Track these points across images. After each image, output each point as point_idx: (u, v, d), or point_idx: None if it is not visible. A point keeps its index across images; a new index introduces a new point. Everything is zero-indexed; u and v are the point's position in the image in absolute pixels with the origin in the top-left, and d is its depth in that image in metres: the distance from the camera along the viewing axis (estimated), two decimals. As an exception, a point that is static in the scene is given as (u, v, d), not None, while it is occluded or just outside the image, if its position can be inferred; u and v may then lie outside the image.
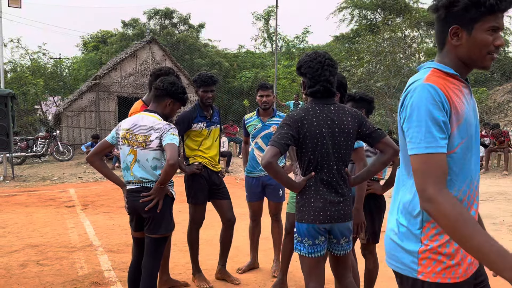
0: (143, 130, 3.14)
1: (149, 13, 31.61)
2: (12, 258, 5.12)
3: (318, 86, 2.61)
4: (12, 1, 13.03)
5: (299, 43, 32.71)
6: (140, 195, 3.13)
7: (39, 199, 9.21)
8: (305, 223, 2.57)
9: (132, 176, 3.17)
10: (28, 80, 23.00)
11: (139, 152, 3.13)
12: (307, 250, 2.59)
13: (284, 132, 2.53)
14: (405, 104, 1.62)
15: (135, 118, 3.25)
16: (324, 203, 2.57)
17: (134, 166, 3.16)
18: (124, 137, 3.20)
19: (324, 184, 2.59)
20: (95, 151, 3.34)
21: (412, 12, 22.25)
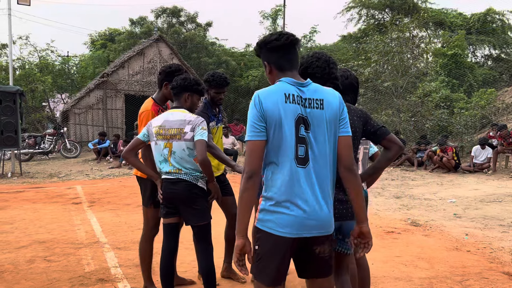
0: (176, 124, 3.43)
1: (156, 12, 31.64)
2: (19, 254, 5.16)
3: (328, 83, 2.63)
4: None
5: (306, 43, 32.63)
6: (176, 185, 3.41)
7: (46, 195, 9.27)
8: None
9: (171, 166, 3.43)
10: (36, 77, 23.14)
11: (174, 144, 3.41)
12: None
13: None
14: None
15: (165, 115, 3.51)
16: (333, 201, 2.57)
17: (171, 158, 3.42)
18: (157, 133, 3.45)
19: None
20: (129, 148, 3.56)
21: (421, 12, 22.10)
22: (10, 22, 13.08)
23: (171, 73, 3.83)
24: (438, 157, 12.91)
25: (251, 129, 2.18)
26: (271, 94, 2.21)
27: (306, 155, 2.20)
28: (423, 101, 16.72)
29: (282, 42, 2.28)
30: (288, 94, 2.20)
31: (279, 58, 2.30)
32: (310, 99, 2.24)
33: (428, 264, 4.82)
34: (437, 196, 9.11)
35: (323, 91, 2.30)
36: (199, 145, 3.34)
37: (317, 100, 2.25)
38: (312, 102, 2.23)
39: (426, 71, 19.00)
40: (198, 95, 3.63)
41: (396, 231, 6.22)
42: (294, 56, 2.31)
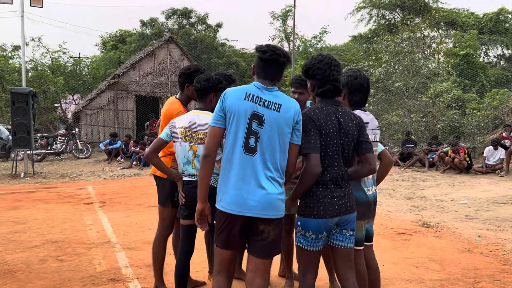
0: (203, 128, 3.39)
1: (167, 13, 31.82)
2: (32, 253, 5.22)
3: (328, 85, 2.77)
4: (34, 1, 13.26)
5: (316, 43, 32.59)
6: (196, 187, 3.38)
7: (58, 195, 9.36)
8: (314, 218, 2.69)
9: (194, 169, 3.42)
10: (48, 79, 23.39)
11: (199, 148, 3.38)
12: (309, 244, 2.73)
13: (313, 136, 2.68)
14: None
15: (191, 116, 3.48)
16: (332, 198, 2.72)
17: (195, 160, 3.42)
18: (184, 134, 3.44)
19: (332, 181, 2.73)
20: (152, 149, 3.52)
21: (432, 12, 21.95)
22: (23, 24, 13.23)
23: (190, 75, 3.86)
24: (450, 158, 12.80)
25: (214, 117, 2.68)
26: (235, 92, 2.68)
27: (255, 145, 2.62)
28: (434, 102, 16.60)
29: (266, 57, 2.68)
30: (248, 94, 2.65)
31: (259, 66, 2.73)
32: (269, 101, 2.65)
33: (440, 266, 4.79)
34: (449, 197, 9.04)
35: (284, 99, 2.70)
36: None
37: (275, 104, 2.65)
38: (270, 104, 2.65)
39: (438, 71, 18.85)
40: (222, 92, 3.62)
41: (407, 233, 6.18)
42: (271, 70, 2.71)
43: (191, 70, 3.88)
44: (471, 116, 16.19)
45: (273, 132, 2.63)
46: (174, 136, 3.48)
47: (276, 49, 2.69)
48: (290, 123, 2.65)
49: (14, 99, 11.80)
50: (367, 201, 3.10)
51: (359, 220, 3.05)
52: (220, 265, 2.77)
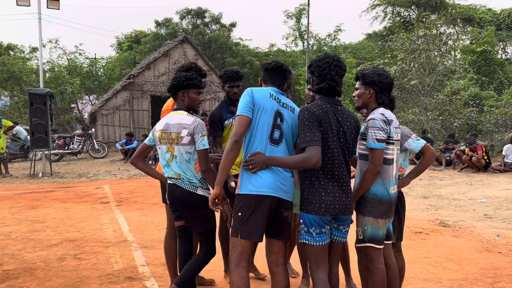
0: (175, 128, 3.34)
1: (181, 13, 31.98)
2: (51, 252, 5.29)
3: (323, 83, 2.88)
4: (50, 3, 13.44)
5: (331, 41, 32.41)
6: (176, 192, 3.35)
7: (75, 195, 9.48)
8: (315, 214, 2.78)
9: (172, 171, 3.37)
10: (65, 80, 23.71)
11: (176, 149, 3.34)
12: (314, 239, 2.80)
13: (315, 129, 2.74)
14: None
15: (166, 118, 3.44)
16: (334, 196, 2.80)
17: (172, 162, 3.36)
18: (160, 137, 3.41)
19: (332, 179, 2.81)
20: (137, 154, 3.55)
21: (448, 8, 21.66)
22: (40, 26, 13.42)
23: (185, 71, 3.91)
24: (467, 157, 12.63)
25: (243, 107, 2.84)
26: (261, 91, 2.93)
27: (280, 138, 2.88)
28: (451, 99, 16.39)
29: (271, 66, 3.05)
30: (271, 94, 2.93)
31: (266, 75, 3.07)
32: (285, 103, 2.97)
33: (458, 265, 4.73)
34: (467, 196, 8.92)
35: (294, 104, 3.06)
36: (201, 155, 3.27)
37: (290, 106, 2.99)
38: (286, 105, 2.97)
39: (454, 68, 18.61)
40: (195, 89, 3.46)
41: (424, 232, 6.12)
42: (277, 76, 3.05)
43: (184, 68, 3.94)
44: (489, 113, 15.95)
45: (290, 129, 2.92)
46: (155, 140, 3.46)
47: (278, 61, 3.09)
48: (296, 126, 2.93)
49: (32, 100, 11.98)
50: (389, 200, 3.08)
51: (381, 218, 3.04)
52: (240, 256, 2.82)
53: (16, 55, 28.46)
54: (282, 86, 3.05)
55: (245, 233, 2.79)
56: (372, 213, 3.02)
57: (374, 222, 3.05)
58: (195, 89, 3.46)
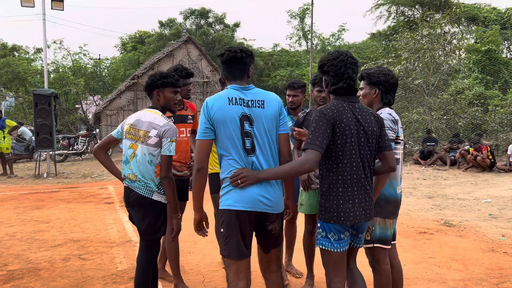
0: (144, 126, 3.22)
1: (185, 13, 32.03)
2: (55, 252, 5.31)
3: (341, 83, 2.68)
4: (55, 4, 13.48)
5: (334, 41, 32.38)
6: (131, 194, 3.22)
7: (80, 195, 9.50)
8: (334, 224, 2.62)
9: (130, 170, 3.23)
10: (69, 80, 23.78)
11: (139, 147, 3.20)
12: (332, 245, 2.65)
13: (322, 133, 2.55)
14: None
15: (140, 114, 3.33)
16: (353, 204, 2.61)
17: (132, 160, 3.23)
18: (127, 131, 3.29)
19: (352, 183, 2.62)
20: (100, 145, 3.43)
21: (452, 8, 21.58)
22: (45, 27, 13.47)
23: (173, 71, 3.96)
24: (472, 156, 12.57)
25: (201, 130, 2.66)
26: (217, 100, 2.68)
27: (252, 145, 2.65)
28: (455, 99, 16.33)
29: (225, 58, 2.75)
30: (231, 98, 2.67)
31: (225, 69, 2.80)
32: (252, 100, 2.70)
33: (463, 265, 4.71)
34: (471, 196, 8.88)
35: (264, 94, 2.77)
36: (164, 161, 3.14)
37: (258, 101, 2.71)
38: (254, 102, 2.70)
39: (459, 68, 18.54)
40: (171, 87, 3.34)
41: (429, 232, 6.09)
42: (236, 69, 2.75)
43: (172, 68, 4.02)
44: (494, 113, 15.87)
45: (262, 129, 2.68)
46: (123, 133, 3.33)
47: (232, 48, 2.76)
48: (275, 117, 2.73)
49: (36, 100, 12.01)
50: (396, 200, 3.08)
51: (388, 219, 3.03)
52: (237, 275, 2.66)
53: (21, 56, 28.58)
54: (245, 75, 2.78)
55: (227, 251, 2.65)
56: (380, 214, 3.01)
57: (382, 222, 3.04)
58: (170, 88, 3.33)
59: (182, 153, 4.07)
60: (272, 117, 2.71)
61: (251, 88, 2.75)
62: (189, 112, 4.20)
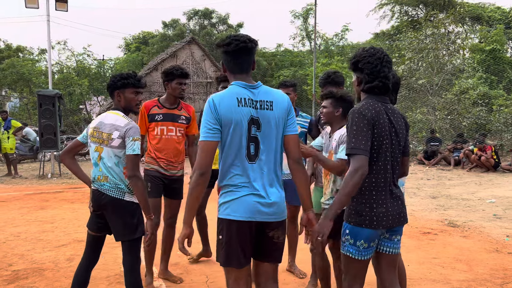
0: (107, 128, 3.19)
1: (188, 14, 32.08)
2: (59, 252, 5.33)
3: (376, 81, 2.56)
4: (59, 5, 13.53)
5: (338, 41, 32.34)
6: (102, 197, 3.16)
7: (84, 195, 9.52)
8: (366, 228, 2.48)
9: (100, 172, 3.20)
10: (73, 81, 23.87)
11: (104, 150, 3.17)
12: (360, 253, 2.51)
13: (365, 135, 2.43)
14: None
15: (102, 116, 3.30)
16: (387, 208, 2.51)
17: (100, 163, 3.20)
18: (92, 135, 3.26)
19: (385, 187, 2.51)
20: (66, 149, 3.35)
21: (456, 7, 21.52)
22: (49, 28, 13.52)
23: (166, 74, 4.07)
24: (476, 156, 12.53)
25: (206, 130, 2.38)
26: (225, 99, 2.40)
27: (256, 152, 2.44)
28: (459, 99, 16.28)
29: (232, 48, 2.45)
30: (240, 98, 2.40)
31: (230, 61, 2.49)
32: (261, 101, 2.45)
33: (467, 266, 4.69)
34: (476, 196, 8.85)
35: (273, 93, 2.51)
36: (129, 160, 3.08)
37: (267, 102, 2.46)
38: (262, 104, 2.45)
39: (463, 67, 18.48)
40: (132, 88, 3.26)
41: (433, 232, 6.08)
42: (244, 61, 2.48)
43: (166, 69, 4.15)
44: (498, 112, 15.81)
45: (269, 133, 2.46)
46: (88, 137, 3.29)
47: (240, 37, 2.47)
48: (283, 118, 2.50)
49: (41, 101, 12.06)
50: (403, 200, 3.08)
51: None
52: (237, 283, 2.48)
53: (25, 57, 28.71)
54: (251, 69, 2.53)
55: (226, 261, 2.45)
56: None
57: None
58: (131, 89, 3.26)
59: (169, 152, 4.07)
60: (280, 118, 2.48)
61: (259, 86, 2.49)
62: (183, 112, 4.19)
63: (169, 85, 4.12)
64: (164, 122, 4.10)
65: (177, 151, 4.12)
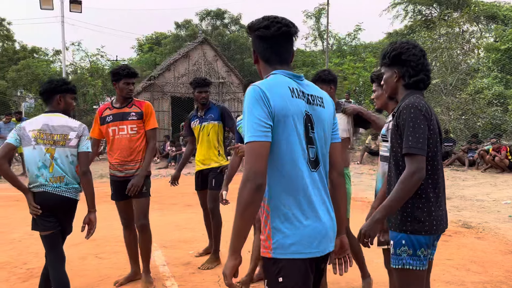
0: (60, 130, 3.33)
1: (201, 14, 32.18)
2: (72, 251, 5.36)
3: (421, 75, 2.37)
4: (73, 7, 13.69)
5: (350, 41, 32.18)
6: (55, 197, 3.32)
7: (96, 195, 9.54)
8: (426, 235, 2.25)
9: (50, 173, 3.29)
10: (87, 82, 24.10)
11: (58, 150, 3.31)
12: (422, 262, 2.26)
13: (422, 132, 2.20)
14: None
15: (42, 119, 3.37)
16: (443, 210, 2.35)
17: (54, 164, 3.29)
18: (38, 137, 3.30)
19: (441, 187, 2.35)
20: (2, 155, 3.30)
21: (471, 6, 21.28)
22: (64, 29, 13.69)
23: (113, 74, 4.10)
24: (491, 157, 12.37)
25: (256, 127, 1.78)
26: (275, 87, 1.86)
27: (316, 157, 1.95)
28: (474, 99, 16.09)
29: (272, 32, 1.94)
30: (292, 88, 1.90)
31: (267, 49, 1.98)
32: (312, 95, 1.99)
33: (482, 268, 4.63)
34: (491, 197, 8.73)
35: (319, 90, 2.08)
36: (84, 157, 3.37)
37: (318, 98, 2.02)
38: (315, 98, 2.00)
39: (477, 67, 18.26)
40: (71, 93, 3.51)
41: (447, 233, 6.01)
42: (285, 49, 2.00)
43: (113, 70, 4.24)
44: (514, 112, 15.59)
45: (322, 135, 1.99)
46: (25, 140, 3.30)
47: (281, 19, 1.97)
48: (331, 121, 2.07)
49: (55, 101, 12.17)
50: None
51: None
52: None
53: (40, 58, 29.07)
54: (291, 61, 2.06)
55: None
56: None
57: None
58: (71, 94, 3.51)
59: (122, 151, 4.07)
60: (330, 120, 2.04)
61: (303, 79, 2.02)
62: (133, 109, 4.14)
63: (117, 85, 4.13)
64: (114, 122, 4.10)
65: (131, 149, 4.07)
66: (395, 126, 2.31)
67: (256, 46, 2.02)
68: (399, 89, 2.42)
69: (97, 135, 4.20)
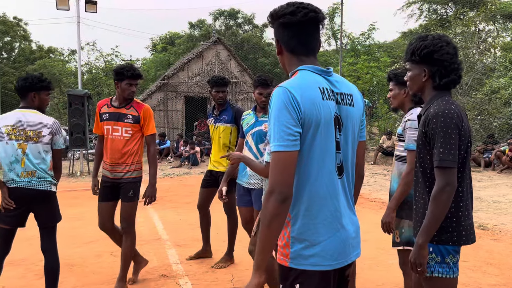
0: (34, 126, 3.41)
1: (214, 14, 32.27)
2: (88, 249, 5.44)
3: (453, 75, 2.20)
4: (88, 7, 13.81)
5: (364, 40, 31.97)
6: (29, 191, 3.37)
7: (112, 193, 9.68)
8: (454, 245, 2.16)
9: (22, 168, 3.36)
10: (102, 81, 24.36)
11: (30, 146, 3.38)
12: (452, 269, 2.17)
13: (453, 142, 2.06)
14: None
15: (16, 115, 3.43)
16: (472, 219, 2.21)
17: (24, 159, 3.37)
18: (10, 132, 3.38)
19: (470, 196, 2.22)
20: None
21: (488, 4, 20.98)
22: (79, 29, 13.81)
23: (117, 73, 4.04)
24: (508, 157, 12.19)
25: (284, 135, 1.62)
26: (306, 90, 1.68)
27: (342, 162, 1.79)
28: (490, 99, 15.88)
29: (298, 19, 1.73)
30: (322, 89, 1.72)
31: (293, 38, 1.78)
32: (341, 94, 1.80)
33: (498, 270, 4.57)
34: (507, 198, 8.61)
35: (349, 84, 1.88)
36: (58, 153, 3.54)
37: (348, 96, 1.82)
38: (344, 97, 1.80)
39: (494, 66, 18.01)
40: (46, 90, 3.55)
41: (462, 235, 5.94)
42: (312, 38, 1.80)
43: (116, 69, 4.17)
44: (532, 113, 15.35)
45: (350, 136, 1.83)
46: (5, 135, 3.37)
47: (306, 4, 1.77)
48: (360, 119, 1.89)
49: (70, 101, 12.32)
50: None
51: (410, 220, 2.97)
52: None
53: (56, 58, 29.45)
54: (319, 48, 1.87)
55: None
56: (409, 216, 2.93)
57: (411, 225, 2.98)
58: (46, 91, 3.56)
59: (114, 153, 3.99)
60: (358, 118, 1.87)
61: (332, 74, 1.83)
62: (130, 111, 4.04)
63: (119, 85, 4.00)
64: (109, 121, 4.02)
65: (123, 152, 3.99)
66: (423, 134, 2.16)
67: (280, 35, 1.82)
68: (426, 89, 2.26)
69: (100, 132, 4.12)
